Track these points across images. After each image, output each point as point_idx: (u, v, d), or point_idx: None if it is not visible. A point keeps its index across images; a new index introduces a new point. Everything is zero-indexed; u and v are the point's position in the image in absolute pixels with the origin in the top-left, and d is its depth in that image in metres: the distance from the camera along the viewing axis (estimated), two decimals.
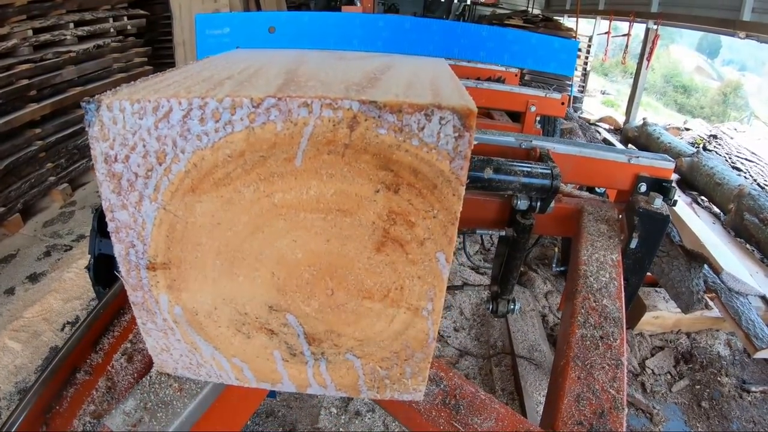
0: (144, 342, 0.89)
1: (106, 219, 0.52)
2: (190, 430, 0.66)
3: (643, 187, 1.65)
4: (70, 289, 3.50)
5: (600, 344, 1.08)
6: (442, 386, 0.92)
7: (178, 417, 0.65)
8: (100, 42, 5.19)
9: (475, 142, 1.53)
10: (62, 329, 3.18)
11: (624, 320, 1.19)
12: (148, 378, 0.70)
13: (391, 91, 0.50)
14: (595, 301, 1.23)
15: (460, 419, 0.87)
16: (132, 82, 0.53)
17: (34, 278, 3.65)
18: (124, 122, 0.48)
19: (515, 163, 1.49)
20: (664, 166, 1.67)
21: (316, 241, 0.54)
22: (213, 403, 0.69)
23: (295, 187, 0.50)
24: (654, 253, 1.63)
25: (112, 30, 5.41)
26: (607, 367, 1.02)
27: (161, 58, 6.61)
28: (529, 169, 1.47)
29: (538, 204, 1.52)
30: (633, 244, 1.54)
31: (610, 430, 0.88)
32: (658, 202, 1.55)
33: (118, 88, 0.50)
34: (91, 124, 0.47)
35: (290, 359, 0.64)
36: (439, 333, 2.99)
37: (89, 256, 1.73)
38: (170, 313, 0.60)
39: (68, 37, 4.75)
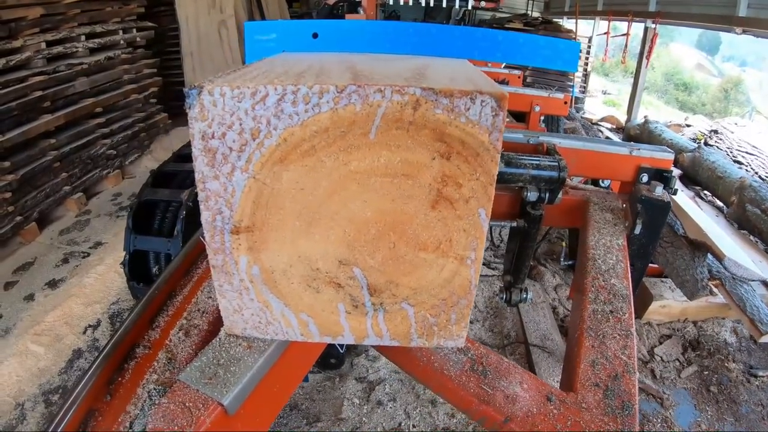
0: (199, 318, 0.99)
1: (197, 190, 0.62)
2: (260, 381, 0.76)
3: (645, 178, 1.73)
4: (90, 293, 3.58)
5: (610, 317, 1.16)
6: (469, 355, 1.01)
7: (249, 370, 0.74)
8: (110, 54, 5.30)
9: None
10: (84, 332, 3.24)
11: (631, 297, 1.27)
12: (218, 339, 0.79)
13: (441, 82, 0.61)
14: (604, 281, 1.31)
15: (488, 383, 0.95)
16: (221, 74, 0.63)
17: (53, 284, 3.73)
18: (223, 105, 0.58)
19: (524, 157, 1.57)
20: (664, 157, 1.76)
21: (383, 201, 0.64)
22: (278, 358, 0.79)
23: (368, 156, 0.61)
24: (657, 238, 1.71)
25: (122, 42, 5.53)
26: (618, 336, 1.10)
27: (170, 68, 6.73)
28: (537, 162, 1.56)
29: (547, 195, 1.60)
30: (637, 230, 1.62)
31: (624, 390, 0.96)
32: (659, 190, 1.64)
33: (212, 78, 0.60)
34: (192, 107, 0.57)
35: (353, 311, 0.74)
36: None
37: (124, 252, 1.83)
38: (248, 273, 0.70)
39: (80, 49, 4.86)
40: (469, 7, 10.01)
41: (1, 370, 2.90)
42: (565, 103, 3.48)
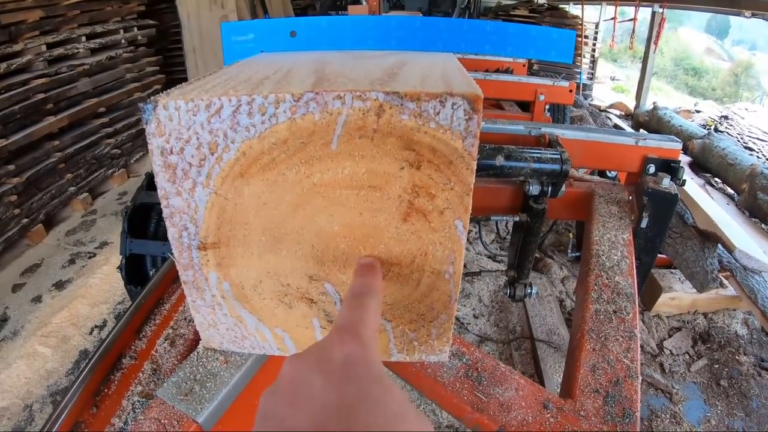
0: (185, 327, 0.97)
1: (161, 206, 0.59)
2: (237, 398, 0.73)
3: (652, 168, 1.68)
4: (96, 294, 3.60)
5: (613, 318, 1.12)
6: (464, 360, 0.98)
7: (225, 386, 0.71)
8: (112, 53, 5.30)
9: (487, 132, 1.56)
10: (90, 333, 3.27)
11: (636, 295, 1.22)
12: (196, 353, 0.76)
13: (409, 83, 0.57)
14: (607, 278, 1.27)
15: (482, 390, 0.92)
16: (180, 85, 0.60)
17: (60, 285, 3.76)
18: (179, 119, 0.54)
19: (525, 150, 1.53)
20: (672, 147, 1.70)
21: (350, 215, 0.60)
22: (256, 373, 0.77)
23: (331, 167, 0.57)
24: (665, 231, 1.66)
25: (123, 41, 5.52)
26: (620, 339, 1.06)
27: (173, 65, 6.72)
28: (539, 155, 1.51)
29: (550, 188, 1.56)
30: (643, 224, 1.57)
31: (626, 397, 0.93)
32: (666, 182, 1.58)
33: (168, 90, 0.57)
34: (149, 122, 0.54)
35: (327, 326, 0.70)
36: (459, 320, 3.02)
37: (120, 256, 1.82)
38: (219, 289, 0.67)
39: (81, 50, 4.86)
40: None
41: (9, 373, 2.94)
42: (571, 91, 3.41)
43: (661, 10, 7.04)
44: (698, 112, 7.77)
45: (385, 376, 0.42)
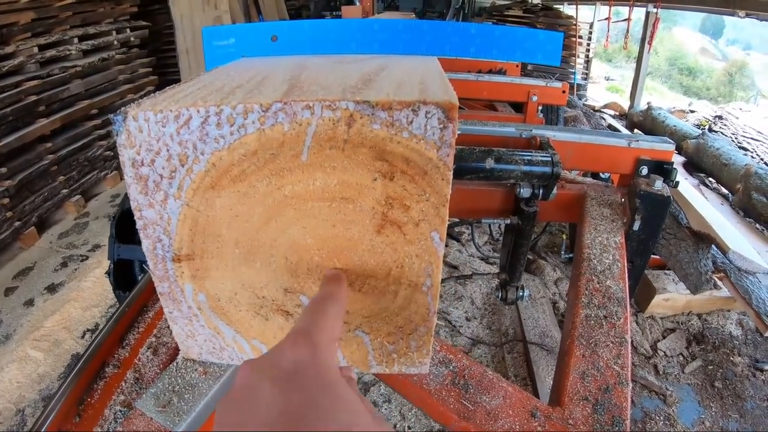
0: (168, 336, 0.95)
1: (135, 218, 0.58)
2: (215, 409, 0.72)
3: (645, 170, 1.67)
4: (88, 297, 3.58)
5: (604, 323, 1.11)
6: (451, 367, 0.97)
7: (204, 397, 0.70)
8: (104, 55, 5.27)
9: (477, 134, 1.55)
10: (82, 336, 3.25)
11: (628, 300, 1.21)
12: (175, 364, 0.75)
13: (383, 91, 0.55)
14: (598, 283, 1.26)
15: (468, 398, 0.91)
16: (153, 95, 0.59)
17: (52, 289, 3.73)
18: (149, 130, 0.53)
19: (516, 152, 1.52)
20: (665, 148, 1.69)
21: (323, 227, 0.59)
22: None
23: (302, 179, 0.56)
24: (657, 234, 1.65)
25: (115, 42, 5.50)
26: (611, 344, 1.05)
27: (166, 67, 6.70)
28: (529, 158, 1.50)
29: (541, 191, 1.55)
30: (636, 227, 1.56)
31: (615, 404, 0.92)
32: (659, 184, 1.57)
33: (140, 101, 0.56)
34: (119, 134, 0.53)
35: None
36: (451, 323, 3.00)
37: (109, 261, 1.80)
38: (195, 301, 0.66)
39: (73, 51, 4.84)
40: None
41: (2, 377, 2.92)
42: (564, 92, 3.40)
43: (655, 10, 7.05)
44: (692, 111, 7.79)
45: (338, 384, 0.40)
